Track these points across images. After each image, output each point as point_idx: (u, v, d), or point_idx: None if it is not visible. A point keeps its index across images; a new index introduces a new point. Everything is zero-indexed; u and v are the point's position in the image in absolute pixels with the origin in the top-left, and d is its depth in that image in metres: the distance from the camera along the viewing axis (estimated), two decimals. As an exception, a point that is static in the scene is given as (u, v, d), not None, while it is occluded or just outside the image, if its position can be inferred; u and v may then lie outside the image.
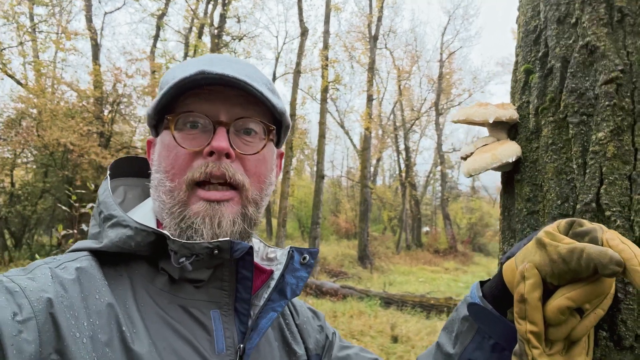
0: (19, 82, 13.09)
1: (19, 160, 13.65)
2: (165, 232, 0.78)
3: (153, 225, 0.86)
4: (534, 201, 0.84)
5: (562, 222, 0.69)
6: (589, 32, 0.77)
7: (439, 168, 28.55)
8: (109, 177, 0.92)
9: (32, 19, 14.04)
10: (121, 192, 0.98)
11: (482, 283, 0.84)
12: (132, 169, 1.00)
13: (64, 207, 6.56)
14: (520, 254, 0.72)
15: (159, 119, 0.88)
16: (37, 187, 13.35)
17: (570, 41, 0.81)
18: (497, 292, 0.79)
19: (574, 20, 0.81)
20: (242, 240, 0.85)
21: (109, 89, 14.54)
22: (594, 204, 0.72)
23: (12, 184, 13.57)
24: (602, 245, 0.62)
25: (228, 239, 0.79)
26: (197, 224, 0.80)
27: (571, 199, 0.76)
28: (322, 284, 12.02)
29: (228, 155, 0.81)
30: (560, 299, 0.65)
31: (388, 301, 10.82)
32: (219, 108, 0.83)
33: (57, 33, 14.28)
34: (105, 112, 14.57)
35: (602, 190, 0.71)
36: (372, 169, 25.28)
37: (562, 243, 0.65)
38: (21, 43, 12.92)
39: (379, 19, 20.62)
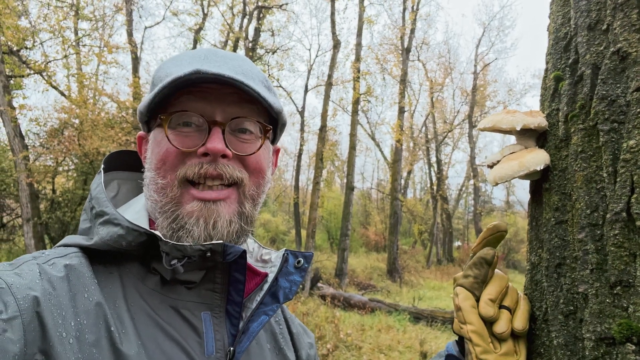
0: (62, 94, 13.68)
1: (60, 168, 14.20)
2: (157, 233, 0.76)
3: (145, 224, 0.84)
4: (562, 210, 0.82)
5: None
6: (621, 38, 0.75)
7: (471, 181, 28.00)
8: (102, 171, 0.89)
9: (76, 33, 14.69)
10: (114, 186, 0.95)
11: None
12: (127, 162, 0.97)
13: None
14: None
15: (151, 116, 0.85)
16: (77, 194, 13.82)
17: (601, 48, 0.79)
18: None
19: (605, 26, 0.79)
20: (239, 239, 0.83)
21: (146, 101, 15.00)
22: (624, 214, 0.70)
23: (53, 191, 14.13)
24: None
25: (221, 242, 0.76)
26: (189, 224, 0.78)
27: (601, 208, 0.74)
28: (350, 297, 11.93)
29: (225, 155, 0.79)
30: (482, 297, 0.80)
31: (417, 316, 10.62)
32: (215, 107, 0.80)
33: (99, 47, 14.93)
34: (143, 123, 15.01)
35: (632, 200, 0.69)
36: (402, 182, 25.01)
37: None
38: (66, 56, 13.54)
39: (412, 31, 20.55)
